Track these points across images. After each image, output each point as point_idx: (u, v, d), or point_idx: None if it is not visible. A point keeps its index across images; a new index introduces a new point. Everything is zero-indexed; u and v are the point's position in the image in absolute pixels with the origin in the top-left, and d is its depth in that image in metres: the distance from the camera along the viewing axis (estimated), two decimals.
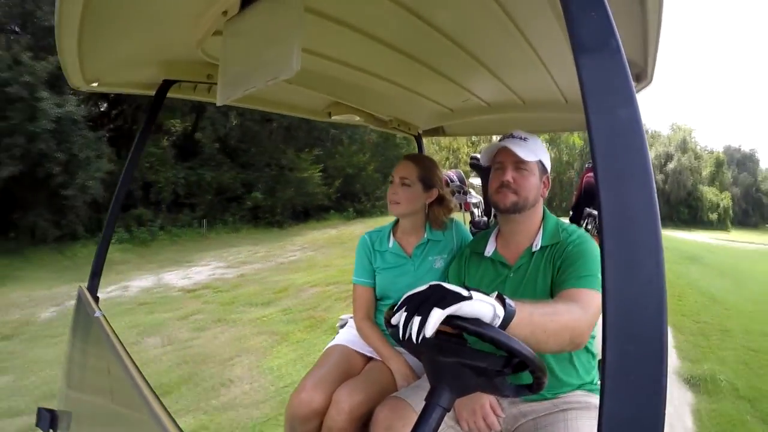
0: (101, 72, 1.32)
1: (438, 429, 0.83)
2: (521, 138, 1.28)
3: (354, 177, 19.00)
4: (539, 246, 1.28)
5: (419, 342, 0.69)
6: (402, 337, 0.72)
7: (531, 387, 0.84)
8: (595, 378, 1.29)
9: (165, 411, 0.72)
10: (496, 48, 1.29)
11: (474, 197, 5.85)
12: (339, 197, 18.31)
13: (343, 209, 18.36)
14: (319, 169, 16.95)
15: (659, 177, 39.05)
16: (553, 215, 1.35)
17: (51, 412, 1.25)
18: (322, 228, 15.46)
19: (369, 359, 1.63)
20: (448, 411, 0.85)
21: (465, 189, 5.66)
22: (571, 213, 5.85)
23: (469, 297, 0.69)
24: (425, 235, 1.64)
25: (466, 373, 0.84)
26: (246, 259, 10.46)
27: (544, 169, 1.31)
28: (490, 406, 1.20)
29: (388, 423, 1.17)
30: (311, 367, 1.56)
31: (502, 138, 1.32)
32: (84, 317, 1.31)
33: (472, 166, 5.61)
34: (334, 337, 1.77)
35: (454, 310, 0.68)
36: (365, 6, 1.08)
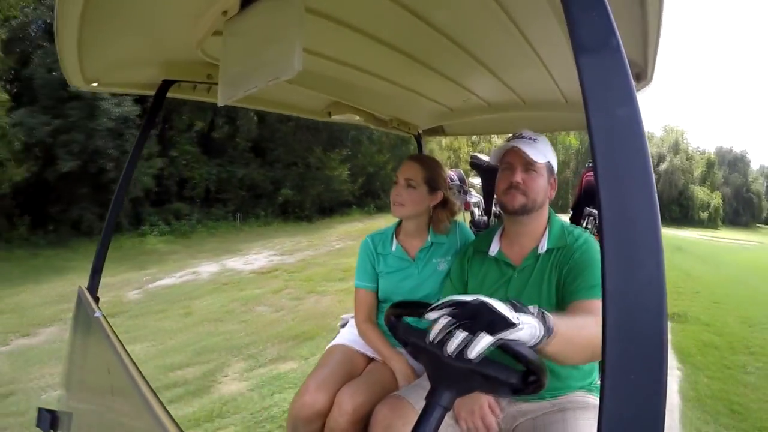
0: (101, 72, 1.32)
1: (439, 428, 0.83)
2: (531, 138, 1.26)
3: (374, 175, 20.18)
4: (545, 248, 1.27)
5: (452, 356, 0.68)
6: (432, 340, 0.71)
7: (532, 387, 0.84)
8: (595, 378, 1.28)
9: (164, 410, 0.72)
10: (496, 47, 1.29)
11: (474, 196, 5.86)
12: (361, 194, 19.56)
13: (364, 205, 19.43)
14: (347, 168, 18.08)
15: None
16: (558, 217, 1.35)
17: (51, 412, 1.24)
18: (348, 222, 16.24)
19: (370, 359, 1.63)
20: (448, 410, 0.85)
21: (465, 188, 5.67)
22: (571, 212, 5.86)
23: (518, 324, 0.68)
24: (429, 238, 1.61)
25: (467, 374, 0.84)
26: (294, 248, 11.01)
27: (551, 171, 1.30)
28: (488, 406, 1.20)
29: (388, 422, 1.17)
30: (313, 368, 1.55)
31: (510, 138, 1.30)
32: (84, 317, 1.30)
33: (471, 165, 5.62)
34: (335, 337, 1.77)
35: (502, 337, 0.67)
36: (365, 6, 1.08)
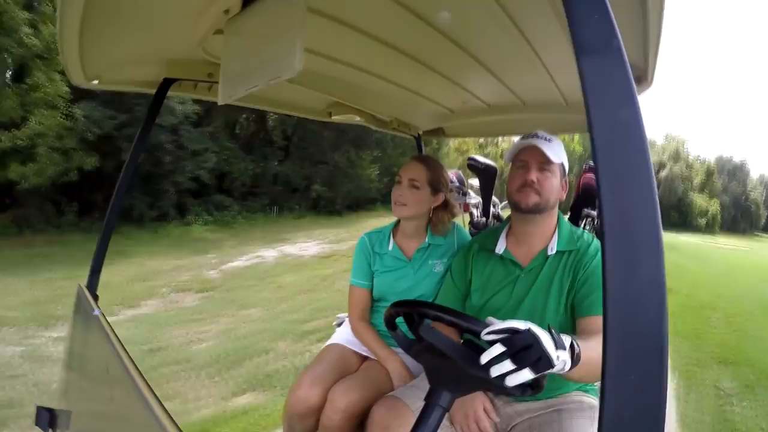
0: (102, 70, 1.32)
1: (438, 429, 0.83)
2: (546, 138, 1.26)
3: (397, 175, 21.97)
4: (554, 250, 1.26)
5: (490, 378, 0.72)
6: (478, 363, 0.75)
7: (532, 388, 0.84)
8: None
9: (163, 409, 0.72)
10: (496, 49, 1.29)
11: (473, 198, 5.85)
12: (386, 192, 21.16)
13: (388, 202, 20.78)
14: (377, 168, 19.40)
15: None
16: (566, 219, 1.34)
17: (50, 410, 1.24)
18: (374, 217, 17.15)
19: (365, 358, 1.63)
20: (447, 411, 0.86)
21: (464, 190, 5.66)
22: (569, 214, 5.86)
23: (557, 365, 0.71)
24: (426, 239, 1.62)
25: (466, 375, 0.85)
26: (339, 238, 11.53)
27: (564, 172, 1.29)
28: (484, 409, 1.19)
29: (384, 423, 1.17)
30: (308, 365, 1.56)
31: (525, 137, 1.29)
32: (83, 316, 1.30)
33: (469, 167, 5.62)
34: (331, 336, 1.77)
35: (542, 374, 0.71)
36: (367, 6, 1.08)
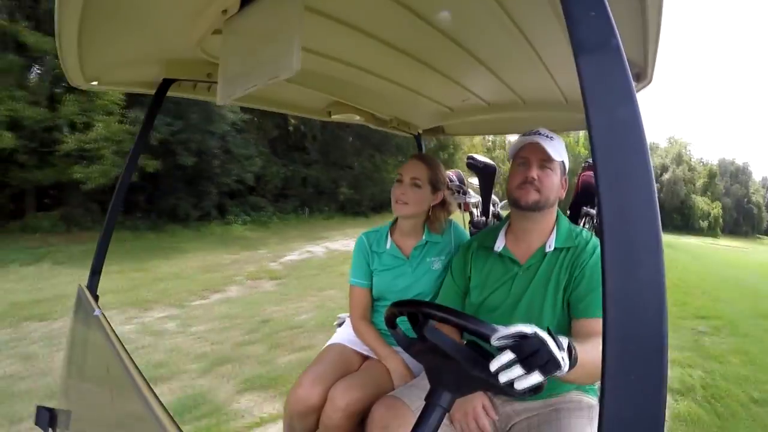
0: (101, 71, 1.32)
1: (438, 429, 0.83)
2: (548, 136, 1.26)
3: None
4: (553, 247, 1.27)
5: (499, 384, 0.75)
6: (485, 367, 0.78)
7: (534, 389, 0.84)
8: None
9: (163, 409, 0.72)
10: (496, 47, 1.28)
11: (473, 197, 5.84)
12: None
13: None
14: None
15: (655, 186, 43.61)
16: (565, 216, 1.35)
17: (50, 410, 1.24)
18: None
19: (366, 358, 1.63)
20: (448, 411, 0.86)
21: (464, 189, 5.65)
22: (569, 212, 5.85)
23: (564, 367, 0.74)
24: (423, 237, 1.63)
25: (467, 375, 0.85)
26: None
27: (564, 170, 1.30)
28: (483, 408, 1.20)
29: (384, 422, 1.17)
30: (309, 364, 1.56)
31: (526, 134, 1.29)
32: (83, 316, 1.30)
33: (468, 166, 5.61)
34: (332, 336, 1.77)
35: (549, 376, 0.73)
36: (366, 5, 1.08)
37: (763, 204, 55.41)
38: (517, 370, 0.73)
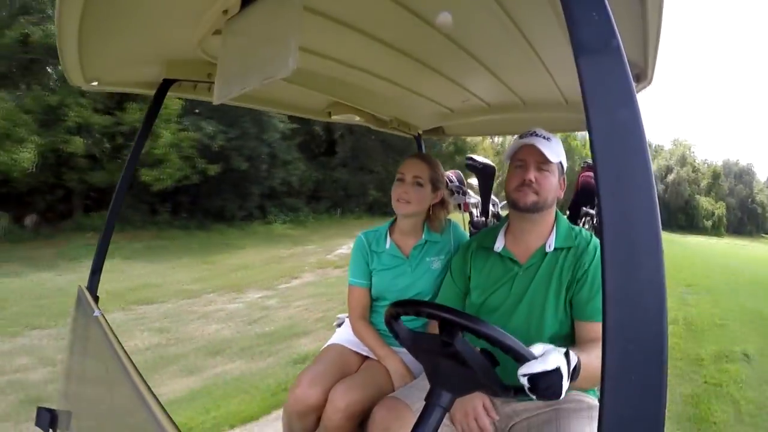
0: (101, 71, 1.32)
1: (438, 429, 0.83)
2: (545, 137, 1.26)
3: None
4: (552, 247, 1.27)
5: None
6: (500, 383, 0.86)
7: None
8: None
9: (162, 410, 0.72)
10: (496, 48, 1.28)
11: (473, 197, 5.83)
12: None
13: None
14: None
15: (660, 187, 44.27)
16: (564, 216, 1.35)
17: (51, 411, 1.24)
18: None
19: (365, 358, 1.63)
20: (448, 411, 0.86)
21: (464, 189, 5.65)
22: (568, 212, 5.84)
23: (562, 395, 0.80)
24: (423, 236, 1.63)
25: (466, 376, 0.85)
26: None
27: (562, 170, 1.30)
28: (483, 407, 1.19)
29: (386, 424, 1.17)
30: (308, 365, 1.56)
31: (523, 135, 1.29)
32: (83, 316, 1.30)
33: (467, 166, 5.61)
34: (331, 337, 1.77)
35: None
36: (365, 6, 1.08)
37: (767, 204, 55.60)
38: (528, 393, 0.80)
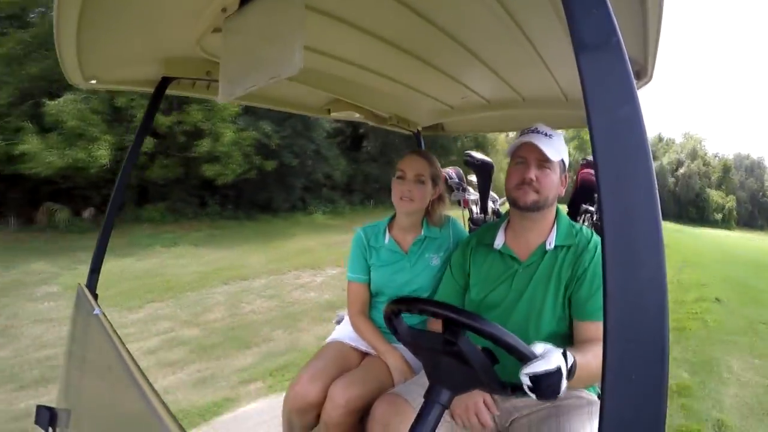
0: (100, 69, 1.31)
1: (437, 426, 0.83)
2: (546, 134, 1.23)
3: None
4: (553, 245, 1.26)
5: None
6: (499, 381, 0.87)
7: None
8: None
9: (165, 408, 0.72)
10: (495, 45, 1.28)
11: (472, 194, 5.83)
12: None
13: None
14: None
15: (671, 180, 45.06)
16: (564, 213, 1.34)
17: (50, 409, 1.24)
18: (448, 209, 22.90)
19: (365, 354, 1.63)
20: (447, 408, 0.86)
21: (464, 186, 5.64)
22: (567, 209, 5.83)
23: (561, 393, 0.82)
24: (422, 232, 1.63)
25: (466, 373, 0.85)
26: None
27: (563, 168, 1.28)
28: (484, 403, 1.19)
29: (386, 420, 1.17)
30: (308, 361, 1.56)
31: (524, 132, 1.27)
32: (83, 315, 1.30)
33: (466, 163, 5.60)
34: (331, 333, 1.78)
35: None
36: (366, 3, 1.08)
37: None
38: (527, 393, 0.81)
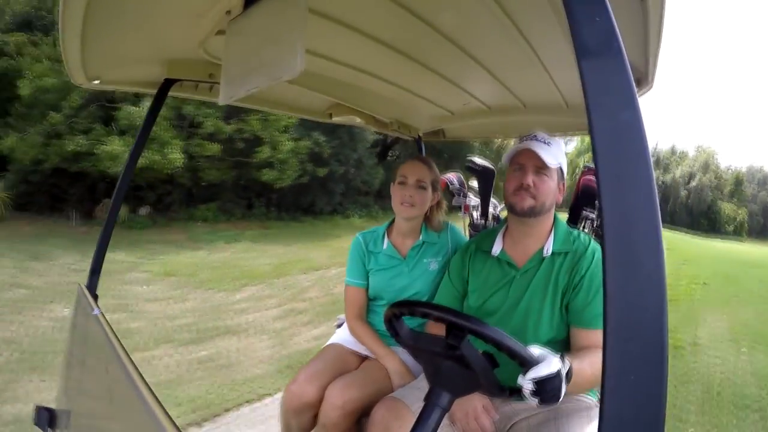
0: (103, 70, 1.32)
1: (437, 429, 0.83)
2: (545, 141, 1.25)
3: None
4: (550, 251, 1.27)
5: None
6: (500, 386, 0.89)
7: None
8: None
9: (162, 409, 0.72)
10: (497, 51, 1.29)
11: (473, 200, 5.82)
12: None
13: None
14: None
15: (683, 192, 46.07)
16: (563, 220, 1.34)
17: (50, 410, 1.24)
18: None
19: (365, 358, 1.63)
20: (447, 411, 0.86)
21: (464, 191, 5.64)
22: (568, 215, 5.82)
23: (561, 398, 0.84)
24: (421, 237, 1.64)
25: (466, 376, 0.85)
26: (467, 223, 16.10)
27: (561, 175, 1.29)
28: (483, 407, 1.19)
29: (385, 424, 1.17)
30: (307, 362, 1.56)
31: (523, 138, 1.28)
32: (83, 315, 1.30)
33: (467, 168, 5.59)
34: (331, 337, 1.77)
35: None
36: (367, 7, 1.08)
37: None
38: (528, 397, 0.83)
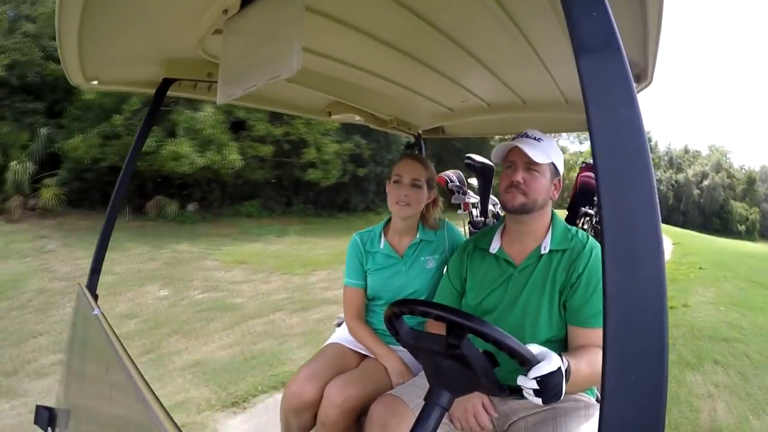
0: (101, 70, 1.32)
1: (437, 428, 0.83)
2: (535, 138, 1.26)
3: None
4: (548, 249, 1.27)
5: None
6: (501, 386, 0.89)
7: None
8: None
9: (162, 408, 0.72)
10: (496, 48, 1.28)
11: (472, 197, 5.83)
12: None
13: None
14: None
15: (696, 192, 46.05)
16: (561, 218, 1.34)
17: (50, 410, 1.24)
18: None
19: (364, 357, 1.64)
20: (447, 410, 0.86)
21: (464, 189, 5.64)
22: (567, 212, 5.84)
23: (563, 396, 0.86)
24: (418, 236, 1.64)
25: (466, 375, 0.85)
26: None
27: (556, 172, 1.29)
28: (482, 405, 1.20)
29: (383, 421, 1.17)
30: (307, 361, 1.56)
31: (515, 137, 1.29)
32: (83, 315, 1.30)
33: (467, 166, 5.61)
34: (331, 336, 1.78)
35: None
36: (366, 5, 1.08)
37: None
38: (529, 397, 0.84)
